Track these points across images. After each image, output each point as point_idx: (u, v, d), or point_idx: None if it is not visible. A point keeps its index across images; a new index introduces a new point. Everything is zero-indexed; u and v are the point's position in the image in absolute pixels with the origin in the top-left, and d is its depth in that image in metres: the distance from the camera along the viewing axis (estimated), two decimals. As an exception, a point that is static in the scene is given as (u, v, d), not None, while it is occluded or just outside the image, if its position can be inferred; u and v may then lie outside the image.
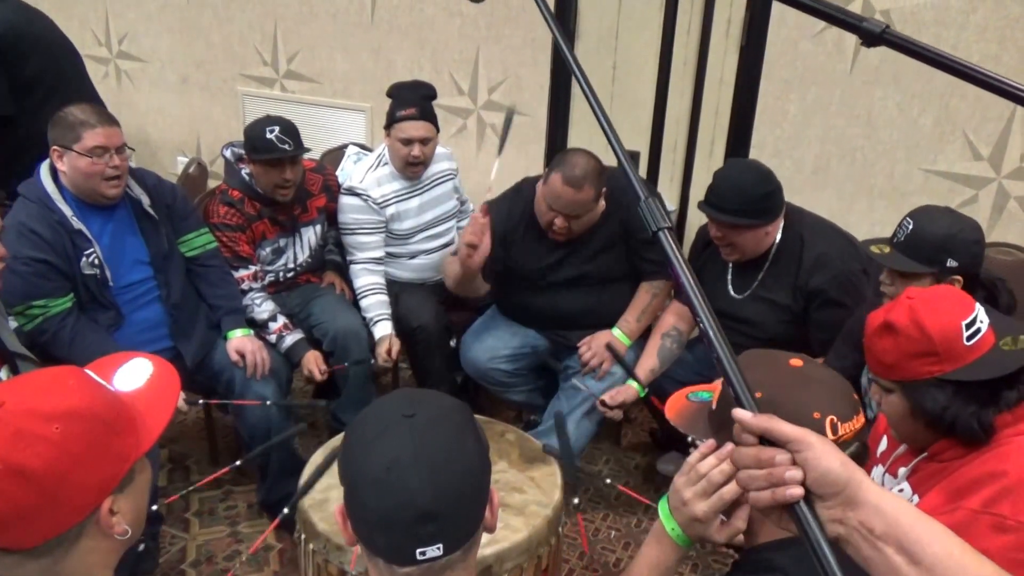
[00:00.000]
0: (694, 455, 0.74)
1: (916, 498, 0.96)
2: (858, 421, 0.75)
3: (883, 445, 1.08)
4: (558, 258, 1.76)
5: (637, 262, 1.78)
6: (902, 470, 1.00)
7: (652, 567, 0.76)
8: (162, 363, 0.73)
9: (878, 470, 1.06)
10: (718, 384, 0.85)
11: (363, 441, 0.65)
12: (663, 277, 1.76)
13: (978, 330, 0.89)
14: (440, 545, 0.62)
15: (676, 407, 0.88)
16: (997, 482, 0.85)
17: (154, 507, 1.41)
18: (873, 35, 0.63)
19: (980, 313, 0.90)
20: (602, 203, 1.69)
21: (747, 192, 1.49)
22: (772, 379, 0.76)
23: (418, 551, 0.62)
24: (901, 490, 0.98)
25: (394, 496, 0.62)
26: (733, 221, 1.50)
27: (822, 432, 0.74)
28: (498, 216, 1.72)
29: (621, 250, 1.77)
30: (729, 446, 0.70)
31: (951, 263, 1.23)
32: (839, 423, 0.72)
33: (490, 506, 0.68)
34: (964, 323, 0.89)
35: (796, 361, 0.78)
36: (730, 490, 0.70)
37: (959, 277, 1.23)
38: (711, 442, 0.74)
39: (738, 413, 0.53)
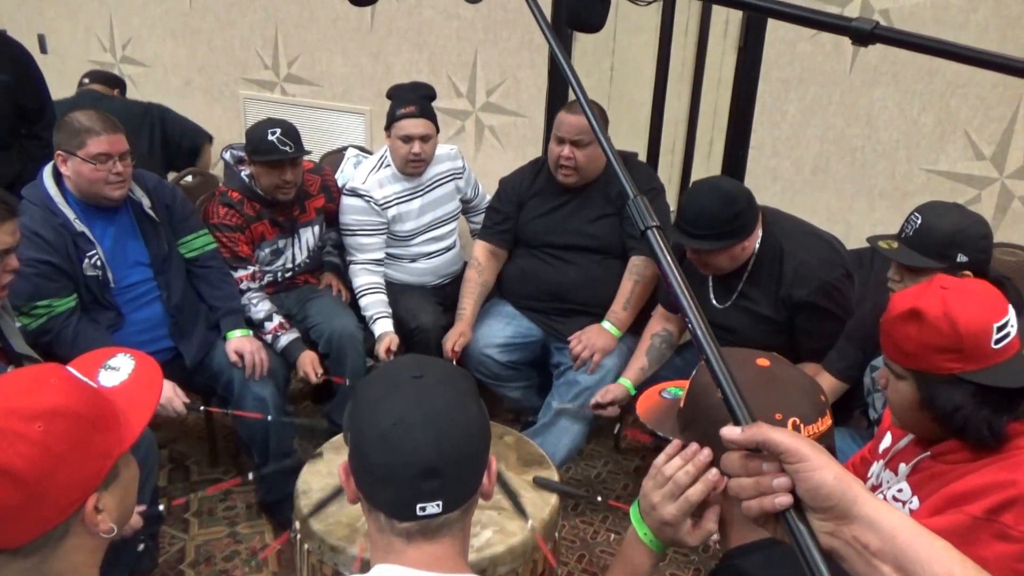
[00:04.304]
0: (660, 457, 0.72)
1: (916, 500, 0.93)
2: (823, 423, 0.72)
3: (886, 442, 1.04)
4: (559, 218, 1.84)
5: (624, 236, 1.82)
6: (903, 467, 0.96)
7: (628, 575, 0.75)
8: (144, 358, 0.73)
9: (877, 466, 1.03)
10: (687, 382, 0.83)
11: (371, 399, 0.67)
12: (646, 252, 1.78)
13: (1008, 334, 0.85)
14: (440, 502, 0.64)
15: (647, 403, 0.86)
16: (1004, 491, 0.82)
17: (160, 507, 1.42)
18: (864, 33, 0.61)
19: (1012, 317, 0.86)
20: None
21: (714, 216, 1.46)
22: (736, 378, 0.75)
23: (418, 506, 0.64)
24: (900, 490, 0.95)
25: (399, 451, 0.63)
26: (704, 247, 1.49)
27: None
28: (517, 186, 1.91)
29: (616, 222, 1.82)
30: (694, 446, 0.70)
31: (961, 258, 1.21)
32: (802, 425, 0.70)
33: (488, 472, 0.69)
34: (996, 325, 0.85)
35: (763, 361, 0.76)
36: (696, 491, 0.69)
37: (968, 272, 1.21)
38: (677, 442, 0.73)
39: (726, 432, 0.52)
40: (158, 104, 2.63)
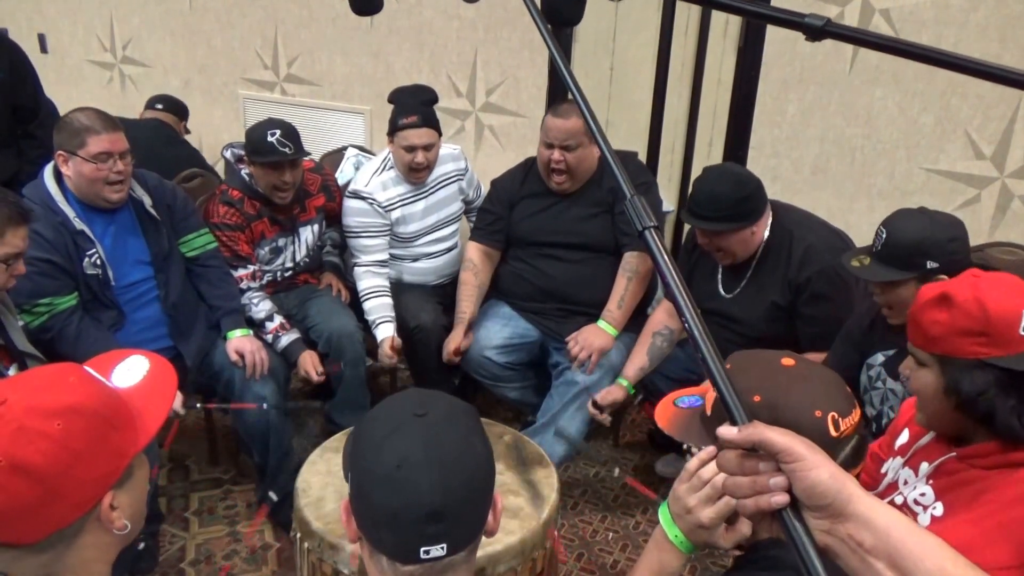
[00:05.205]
0: (693, 461, 0.72)
1: (940, 506, 0.90)
2: (856, 415, 0.73)
3: (904, 437, 1.03)
4: (551, 217, 1.86)
5: (616, 233, 1.83)
6: (924, 466, 0.94)
7: (655, 574, 0.75)
8: (158, 359, 0.73)
9: (896, 462, 1.01)
10: (707, 386, 0.83)
11: (374, 438, 0.65)
12: (638, 248, 1.79)
13: None
14: (444, 545, 0.62)
15: (666, 415, 0.86)
16: None
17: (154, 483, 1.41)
18: (816, 29, 0.60)
19: None
20: (596, 149, 1.73)
21: (725, 198, 1.52)
22: (768, 381, 0.75)
23: (422, 550, 0.62)
24: (923, 494, 0.93)
25: (403, 494, 0.62)
26: (716, 228, 1.54)
27: (825, 430, 0.72)
28: (508, 186, 1.93)
29: (608, 219, 1.83)
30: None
31: (930, 264, 1.22)
32: (840, 419, 0.71)
33: (493, 510, 0.68)
34: None
35: (788, 360, 0.77)
36: None
37: (943, 277, 1.20)
38: (712, 449, 0.72)
39: (722, 432, 0.52)
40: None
